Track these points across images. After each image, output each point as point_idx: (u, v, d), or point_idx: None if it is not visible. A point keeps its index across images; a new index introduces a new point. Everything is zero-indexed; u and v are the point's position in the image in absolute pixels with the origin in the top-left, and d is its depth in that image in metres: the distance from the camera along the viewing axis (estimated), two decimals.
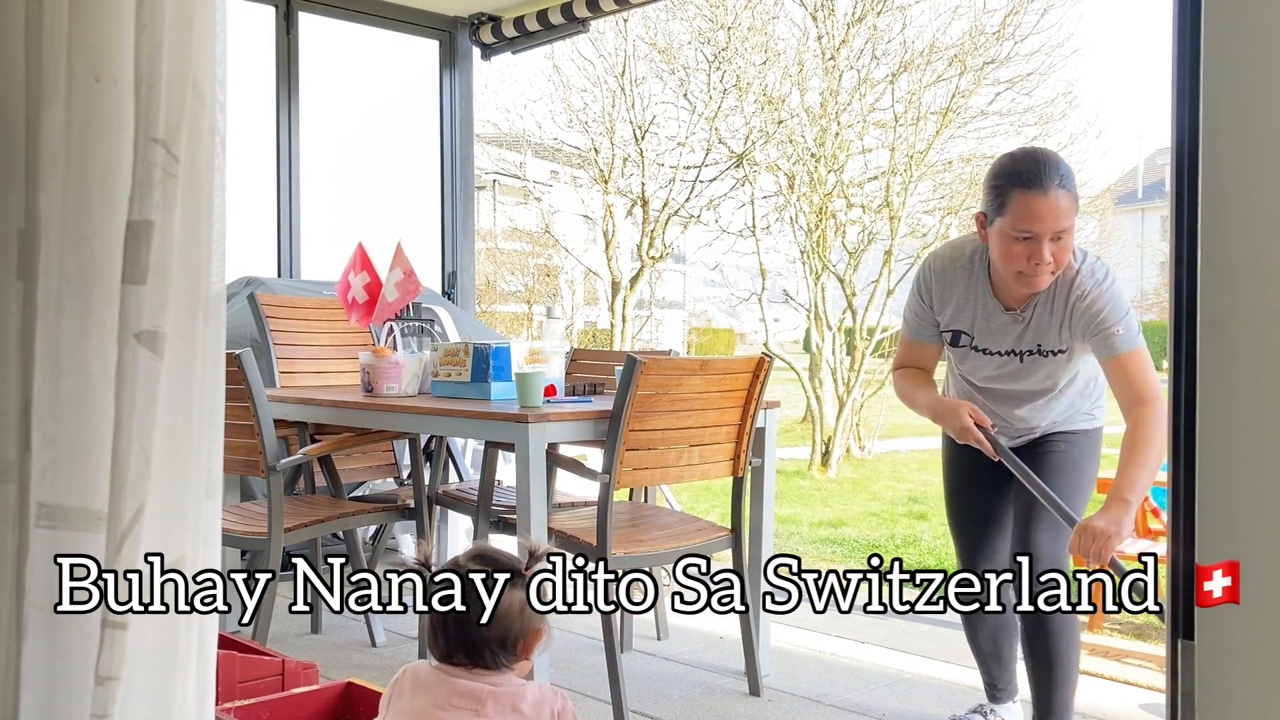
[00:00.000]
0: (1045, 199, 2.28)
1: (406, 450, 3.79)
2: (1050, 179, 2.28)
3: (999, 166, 2.39)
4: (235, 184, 2.01)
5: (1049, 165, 2.31)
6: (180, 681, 1.25)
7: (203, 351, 1.25)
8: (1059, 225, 2.30)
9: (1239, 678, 1.14)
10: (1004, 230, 2.34)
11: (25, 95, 1.19)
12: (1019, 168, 2.33)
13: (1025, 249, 2.32)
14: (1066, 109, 11.48)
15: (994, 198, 2.36)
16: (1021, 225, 2.30)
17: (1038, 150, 2.38)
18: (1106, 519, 2.24)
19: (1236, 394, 1.13)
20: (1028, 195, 2.29)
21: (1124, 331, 2.36)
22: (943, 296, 2.56)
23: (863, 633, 3.87)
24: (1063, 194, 2.30)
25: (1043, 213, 2.29)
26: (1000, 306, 2.49)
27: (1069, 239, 2.34)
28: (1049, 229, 2.29)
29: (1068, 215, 2.31)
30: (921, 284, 2.60)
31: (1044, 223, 2.29)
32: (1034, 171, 2.30)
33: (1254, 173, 1.12)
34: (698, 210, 12.74)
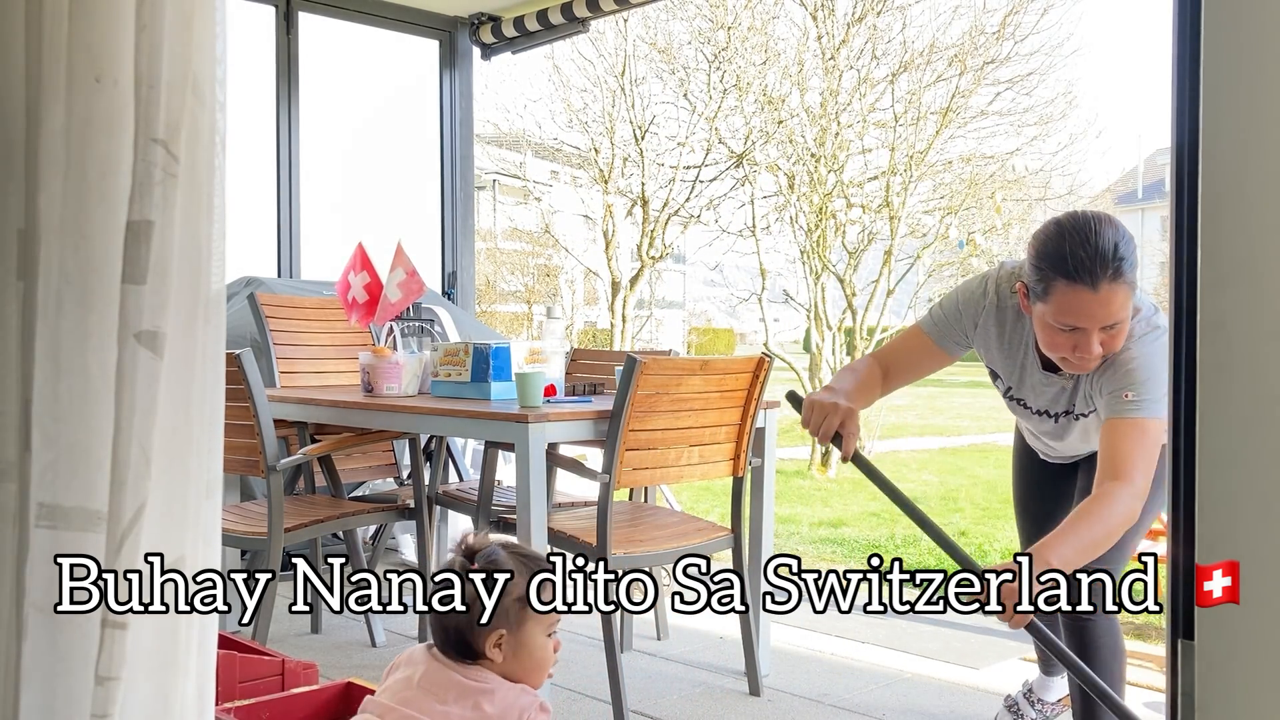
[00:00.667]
0: (1095, 295, 1.98)
1: (406, 450, 3.79)
2: (1102, 272, 1.96)
3: (1045, 244, 2.06)
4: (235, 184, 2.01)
5: (1102, 255, 1.97)
6: (180, 681, 1.25)
7: (203, 351, 1.25)
8: (1110, 320, 2.02)
9: (1239, 678, 1.14)
10: (1045, 318, 2.07)
11: (25, 95, 1.19)
12: (1066, 253, 1.99)
13: (1070, 340, 2.05)
14: (1066, 109, 11.48)
15: (1036, 279, 2.06)
16: (1065, 320, 2.03)
17: (1090, 227, 2.00)
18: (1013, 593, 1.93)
19: (1236, 394, 1.13)
20: (1074, 289, 1.99)
21: (1136, 398, 2.07)
22: (985, 332, 2.32)
23: (863, 633, 3.87)
24: (1118, 287, 1.98)
25: (1093, 311, 2.00)
26: (1039, 364, 2.26)
27: (1124, 326, 2.05)
28: (1098, 324, 2.02)
29: (1122, 308, 2.01)
30: (976, 300, 2.32)
31: (1093, 320, 2.01)
32: (1083, 262, 1.97)
33: (1254, 173, 1.12)
34: (698, 210, 12.75)
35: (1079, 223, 2.02)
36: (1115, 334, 2.05)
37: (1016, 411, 2.44)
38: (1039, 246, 2.07)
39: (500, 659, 1.70)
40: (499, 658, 1.70)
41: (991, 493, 8.43)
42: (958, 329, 2.33)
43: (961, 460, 10.24)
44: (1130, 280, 2.01)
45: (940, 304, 2.38)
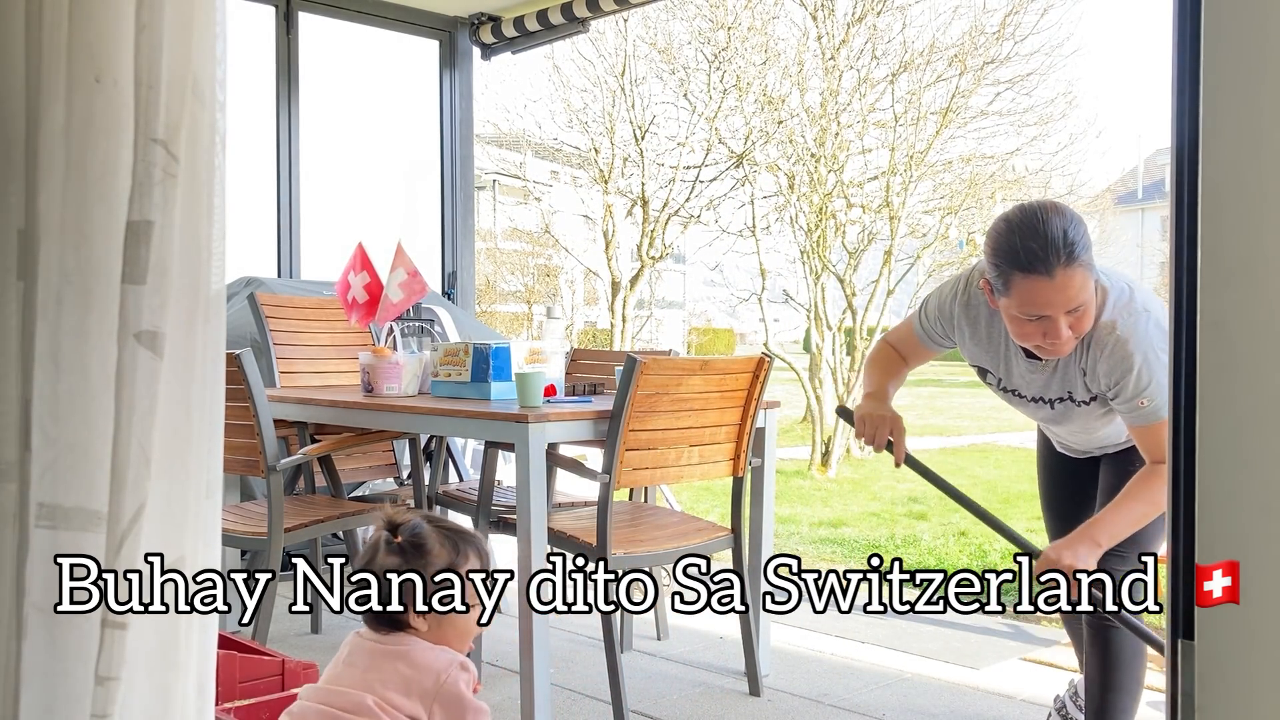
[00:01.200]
0: (1052, 283, 2.04)
1: (406, 450, 3.79)
2: (1054, 259, 2.03)
3: (997, 241, 2.12)
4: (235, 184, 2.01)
5: (1053, 243, 2.03)
6: (180, 681, 1.25)
7: (203, 351, 1.25)
8: (1071, 304, 2.08)
9: (1239, 678, 1.14)
10: (1011, 311, 2.14)
11: (25, 95, 1.19)
12: (1019, 246, 2.06)
13: (1039, 327, 2.12)
14: (1066, 109, 11.49)
15: (995, 275, 2.14)
16: (1029, 310, 2.10)
17: (1037, 218, 2.08)
18: (1074, 555, 2.15)
19: (1236, 394, 1.13)
20: (1030, 280, 2.06)
21: (1151, 404, 2.14)
22: (962, 331, 2.40)
23: (863, 633, 3.87)
24: (1073, 270, 2.05)
25: (1051, 298, 2.06)
26: (1022, 353, 2.30)
27: (1089, 306, 2.12)
28: (1061, 310, 2.08)
29: (1082, 290, 2.08)
30: (948, 304, 2.41)
31: (1055, 306, 2.08)
32: (1035, 253, 2.04)
33: (1254, 173, 1.12)
34: (698, 210, 12.75)
35: (1026, 215, 2.10)
36: (1081, 315, 2.12)
37: (1013, 403, 2.45)
38: (992, 244, 2.14)
39: (425, 628, 1.77)
40: (424, 627, 1.77)
41: (991, 493, 8.44)
42: (938, 329, 2.45)
43: (961, 460, 10.24)
44: (1085, 262, 2.07)
45: (923, 305, 2.48)
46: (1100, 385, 2.21)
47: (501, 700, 3.14)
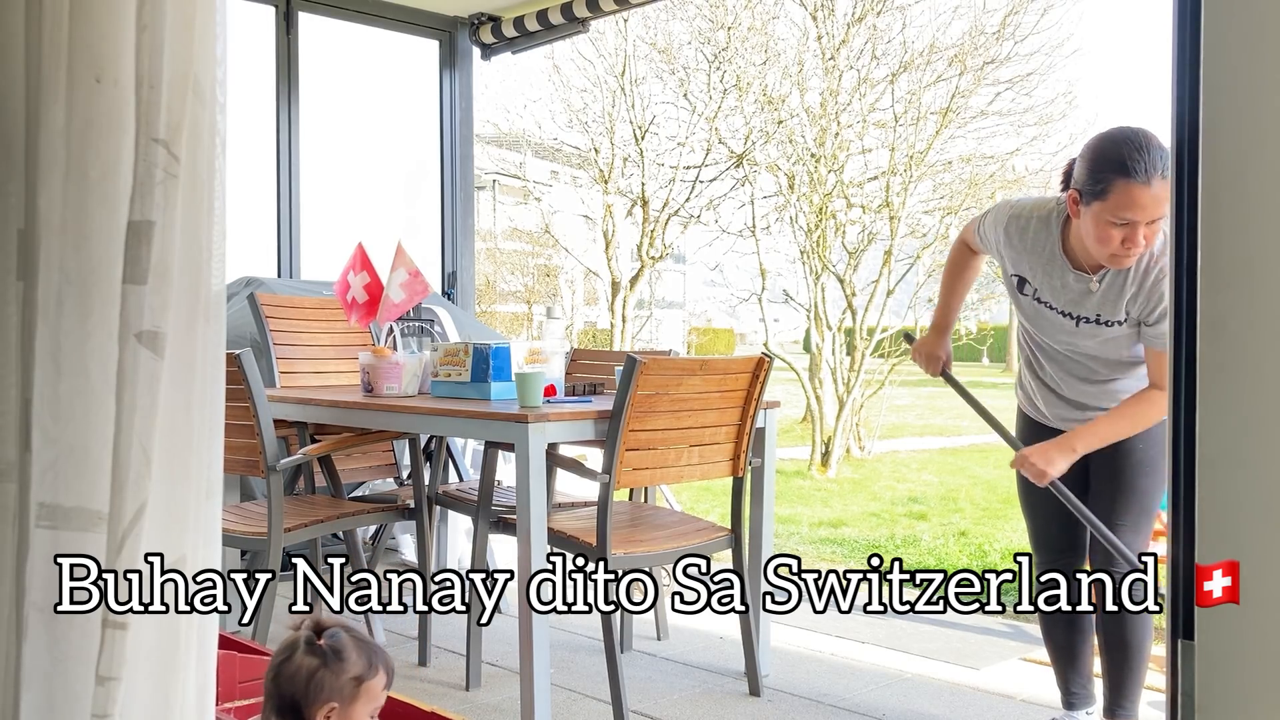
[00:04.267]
0: (1149, 189, 2.28)
1: (406, 450, 3.79)
2: (1154, 169, 2.28)
3: (1102, 151, 2.36)
4: (235, 184, 2.01)
5: (1152, 153, 2.28)
6: (180, 681, 1.25)
7: (203, 352, 1.25)
8: (1159, 213, 2.30)
9: (1239, 678, 1.14)
10: (1101, 215, 2.35)
11: (25, 95, 1.19)
12: (1124, 156, 2.30)
13: (1121, 233, 2.33)
14: (1066, 109, 11.48)
15: (1093, 183, 2.35)
16: (1122, 214, 2.31)
17: (1138, 134, 2.33)
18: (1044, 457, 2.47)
19: (1236, 394, 1.13)
20: (1130, 185, 2.29)
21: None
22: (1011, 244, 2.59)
23: (863, 633, 3.87)
24: (1163, 183, 2.27)
25: (1145, 203, 2.29)
26: (1070, 266, 2.50)
27: (1160, 223, 2.34)
28: (1149, 217, 2.31)
29: (1164, 203, 2.28)
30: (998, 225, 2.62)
31: (1145, 212, 2.30)
32: (1138, 161, 2.29)
33: (1254, 173, 1.12)
34: (698, 210, 12.75)
35: (1130, 132, 2.34)
36: (1155, 229, 2.34)
37: (1037, 317, 2.60)
38: (1098, 154, 2.36)
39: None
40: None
41: (991, 493, 8.43)
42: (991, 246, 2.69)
43: (961, 460, 10.24)
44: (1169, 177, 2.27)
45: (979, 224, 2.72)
46: (1143, 309, 2.42)
47: (501, 700, 3.14)
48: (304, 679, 1.78)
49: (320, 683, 1.78)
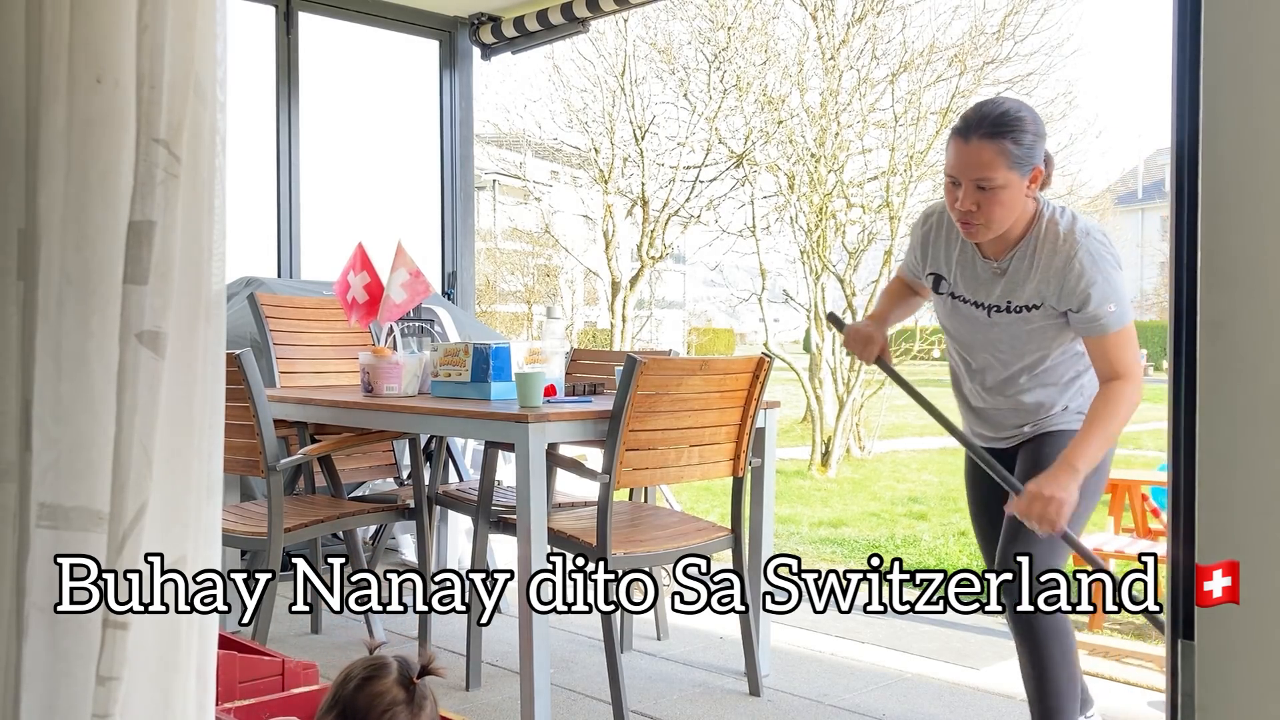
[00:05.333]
0: (966, 145, 2.28)
1: (406, 450, 3.79)
2: (977, 127, 2.26)
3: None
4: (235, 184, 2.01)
5: (984, 115, 2.28)
6: (181, 681, 1.25)
7: (203, 351, 1.25)
8: (976, 174, 2.27)
9: (1239, 678, 1.14)
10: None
11: (26, 95, 1.19)
12: (963, 117, 2.33)
13: (952, 194, 2.33)
14: (1066, 109, 11.48)
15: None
16: (948, 168, 2.34)
17: (992, 100, 2.34)
18: (1055, 484, 2.25)
19: (1236, 394, 1.13)
20: (954, 142, 2.31)
21: (1116, 309, 2.31)
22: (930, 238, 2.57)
23: (863, 633, 3.87)
24: (988, 144, 2.25)
25: (961, 158, 2.29)
26: (979, 254, 2.46)
27: (1005, 196, 2.28)
28: (966, 176, 2.28)
29: (990, 167, 2.26)
30: (918, 226, 2.62)
31: (960, 169, 2.29)
32: (967, 118, 2.30)
33: (1254, 173, 1.12)
34: (698, 210, 12.75)
35: (989, 99, 2.36)
36: (990, 199, 2.28)
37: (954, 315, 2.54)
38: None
39: None
40: None
41: None
42: (914, 257, 2.63)
43: (961, 460, 10.22)
44: (1004, 150, 2.25)
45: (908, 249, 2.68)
46: (1059, 294, 2.33)
47: (501, 700, 3.14)
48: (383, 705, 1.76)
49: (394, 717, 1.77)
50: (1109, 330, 2.32)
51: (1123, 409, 2.31)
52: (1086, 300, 2.31)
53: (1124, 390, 2.31)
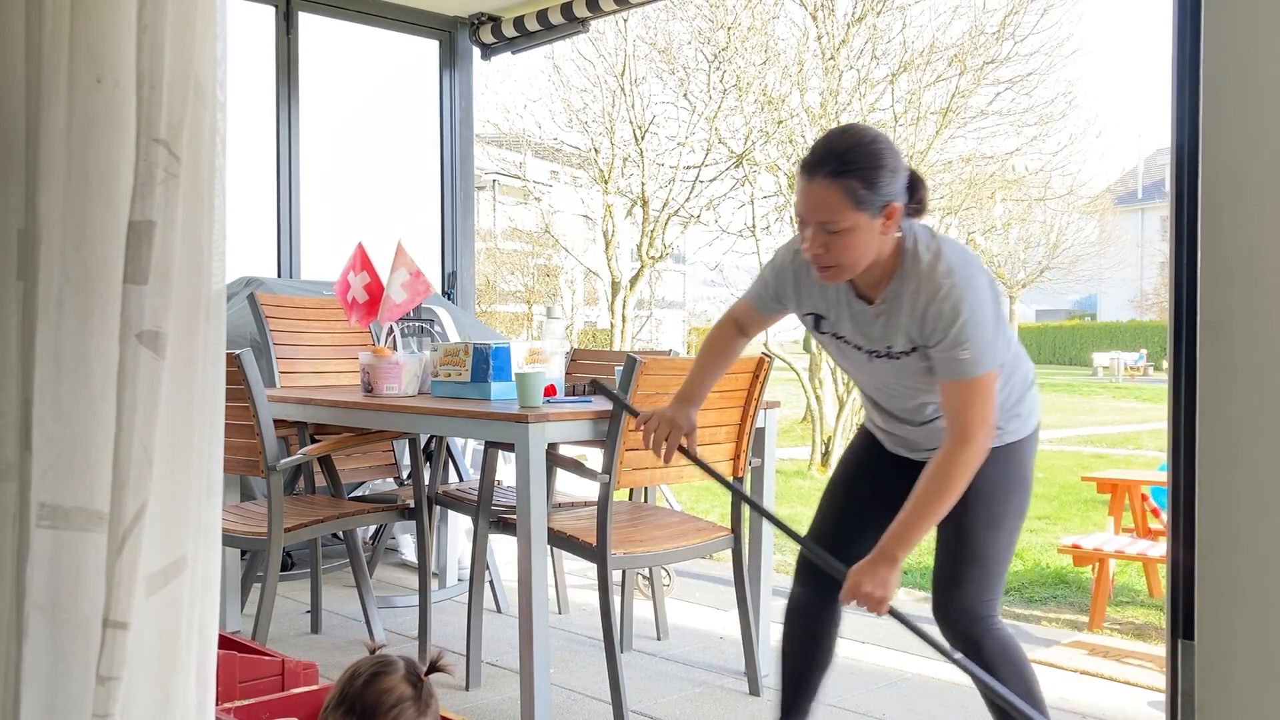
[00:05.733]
0: (808, 185, 2.07)
1: (406, 450, 3.79)
2: (821, 165, 2.05)
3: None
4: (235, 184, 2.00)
5: (828, 151, 2.07)
6: (181, 681, 1.25)
7: (204, 351, 1.25)
8: (820, 216, 2.06)
9: (1239, 678, 1.14)
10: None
11: (26, 95, 1.19)
12: (813, 144, 2.12)
13: (801, 234, 2.13)
14: (1066, 109, 11.51)
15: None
16: (795, 206, 2.14)
17: (843, 131, 2.13)
18: (874, 580, 2.09)
19: (1236, 394, 1.13)
20: (799, 176, 2.11)
21: (972, 355, 2.07)
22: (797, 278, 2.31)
23: (863, 633, 3.87)
24: (832, 184, 2.03)
25: (805, 198, 2.08)
26: (854, 295, 2.23)
27: (854, 239, 2.07)
28: (811, 217, 2.08)
29: (834, 209, 2.04)
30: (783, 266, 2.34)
31: (804, 210, 2.09)
32: (814, 151, 2.09)
33: (1254, 173, 1.12)
34: (698, 210, 12.76)
35: (838, 128, 2.17)
36: (838, 242, 2.07)
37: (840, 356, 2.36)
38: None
39: None
40: None
41: None
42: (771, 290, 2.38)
43: None
44: (850, 190, 2.03)
45: (761, 273, 2.42)
46: (923, 331, 2.12)
47: (501, 700, 3.14)
48: (391, 700, 1.77)
49: (402, 713, 1.78)
50: (966, 375, 2.08)
51: (958, 484, 2.09)
52: (945, 338, 2.08)
53: (965, 457, 2.08)
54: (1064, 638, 3.96)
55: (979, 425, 2.09)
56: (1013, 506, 2.27)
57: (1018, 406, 2.28)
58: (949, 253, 2.13)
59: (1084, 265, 29.98)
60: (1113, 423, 14.69)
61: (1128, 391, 21.21)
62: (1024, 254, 25.39)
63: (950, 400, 2.11)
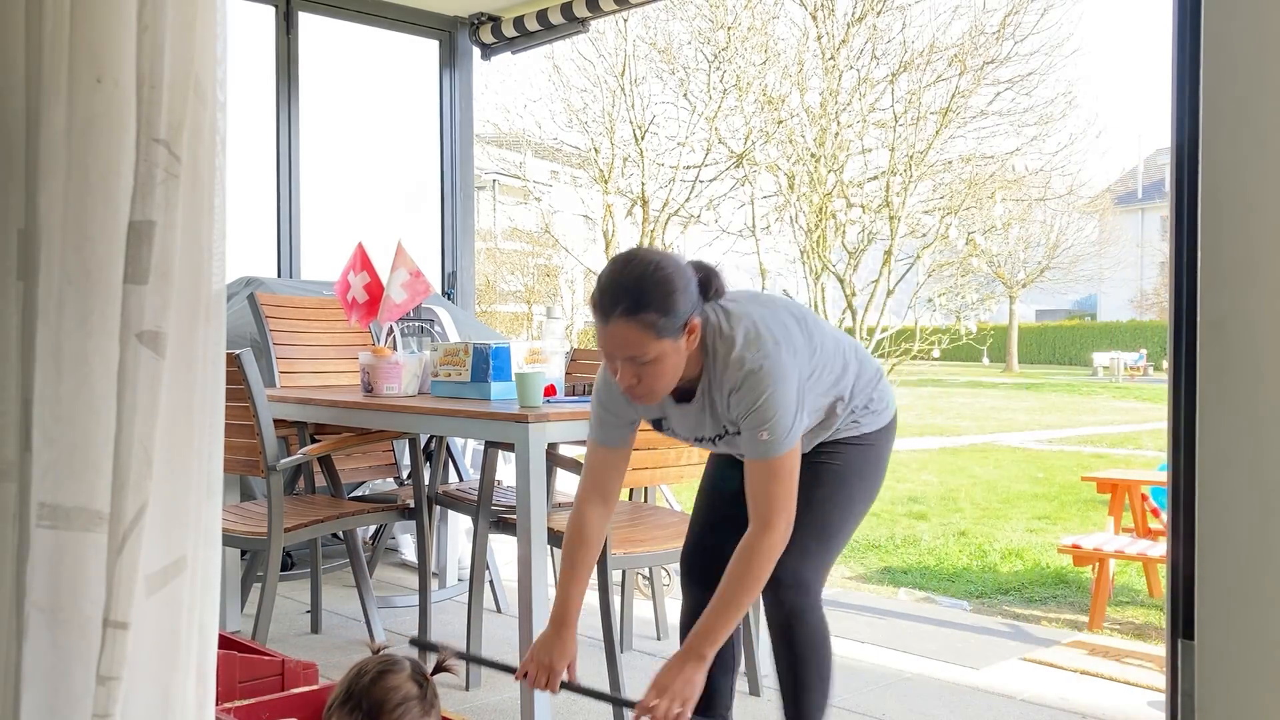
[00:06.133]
0: (606, 327, 2.04)
1: (406, 450, 3.79)
2: (613, 306, 2.02)
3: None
4: (235, 184, 2.00)
5: (616, 290, 2.03)
6: (181, 681, 1.25)
7: (204, 351, 1.25)
8: (624, 354, 2.05)
9: (1239, 678, 1.14)
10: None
11: (26, 95, 1.19)
12: (596, 286, 2.08)
13: (611, 366, 2.11)
14: (1066, 109, 11.53)
15: None
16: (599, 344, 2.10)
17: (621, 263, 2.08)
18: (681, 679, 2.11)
19: (1236, 394, 1.13)
20: (595, 315, 2.07)
21: (771, 437, 2.07)
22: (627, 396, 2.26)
23: (863, 633, 3.87)
24: (629, 324, 2.01)
25: (606, 339, 2.06)
26: (673, 399, 2.24)
27: (664, 365, 2.07)
28: (617, 354, 2.07)
29: (638, 345, 2.03)
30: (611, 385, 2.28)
31: (608, 349, 2.08)
32: (602, 290, 2.05)
33: (1254, 173, 1.12)
34: (698, 210, 12.77)
35: (619, 259, 2.10)
36: (649, 371, 2.07)
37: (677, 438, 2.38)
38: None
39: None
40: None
41: (991, 492, 8.44)
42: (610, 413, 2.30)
43: (961, 460, 10.24)
44: (649, 324, 2.02)
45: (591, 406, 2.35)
46: (731, 414, 2.14)
47: (501, 700, 3.14)
48: (398, 698, 1.78)
49: (407, 710, 1.78)
50: (766, 455, 2.09)
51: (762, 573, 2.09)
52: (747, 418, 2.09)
53: (766, 545, 2.08)
54: (1064, 638, 3.96)
55: (779, 509, 2.09)
56: (866, 492, 2.36)
57: (871, 405, 2.33)
58: (744, 334, 2.11)
59: (1084, 265, 30.03)
60: (1113, 423, 14.69)
61: (1128, 391, 21.21)
62: (1024, 254, 25.41)
63: (752, 480, 2.12)
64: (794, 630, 2.28)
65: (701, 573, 2.40)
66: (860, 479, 2.34)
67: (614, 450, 2.32)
